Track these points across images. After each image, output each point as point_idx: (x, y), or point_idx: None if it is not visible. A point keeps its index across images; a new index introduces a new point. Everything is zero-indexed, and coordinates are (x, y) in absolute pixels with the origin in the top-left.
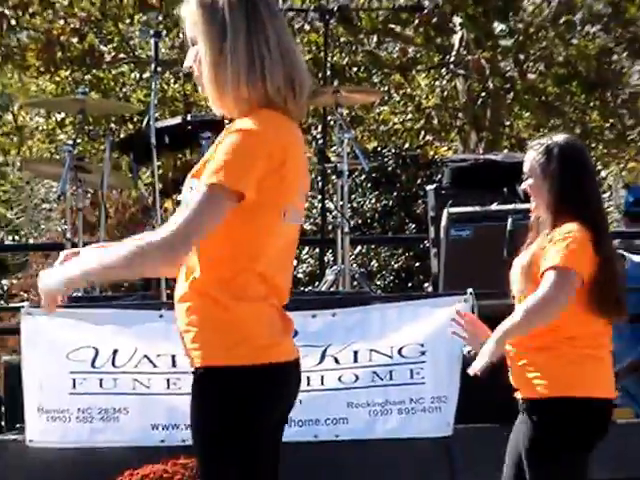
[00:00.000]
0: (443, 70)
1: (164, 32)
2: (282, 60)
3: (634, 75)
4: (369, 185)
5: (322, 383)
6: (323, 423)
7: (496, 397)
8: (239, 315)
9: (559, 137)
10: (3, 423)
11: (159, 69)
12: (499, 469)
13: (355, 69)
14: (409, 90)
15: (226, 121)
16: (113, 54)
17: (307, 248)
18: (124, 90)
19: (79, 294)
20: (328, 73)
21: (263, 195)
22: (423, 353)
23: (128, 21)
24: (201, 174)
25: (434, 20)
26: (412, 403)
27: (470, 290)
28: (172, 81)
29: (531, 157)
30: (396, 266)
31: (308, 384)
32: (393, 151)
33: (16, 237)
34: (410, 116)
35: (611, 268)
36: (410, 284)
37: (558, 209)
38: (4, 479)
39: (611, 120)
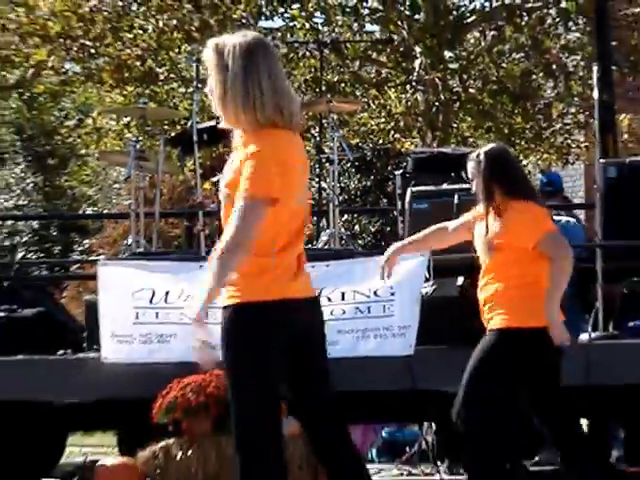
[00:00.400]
0: (407, 86)
1: (203, 59)
2: (273, 94)
3: (548, 90)
4: (353, 170)
5: None
6: None
7: (449, 326)
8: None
9: (486, 147)
10: (85, 345)
11: (199, 85)
12: (448, 379)
13: (343, 85)
14: (382, 101)
15: None
16: (166, 74)
17: None
18: (174, 101)
19: (140, 250)
20: (323, 88)
21: (280, 192)
22: (393, 294)
23: (177, 50)
24: (232, 184)
25: (401, 49)
26: (384, 330)
27: None
28: (209, 94)
29: (470, 167)
30: (373, 230)
31: None
32: (371, 146)
33: (94, 208)
34: (383, 120)
35: None
36: (383, 243)
37: (490, 193)
38: (86, 387)
39: (531, 123)
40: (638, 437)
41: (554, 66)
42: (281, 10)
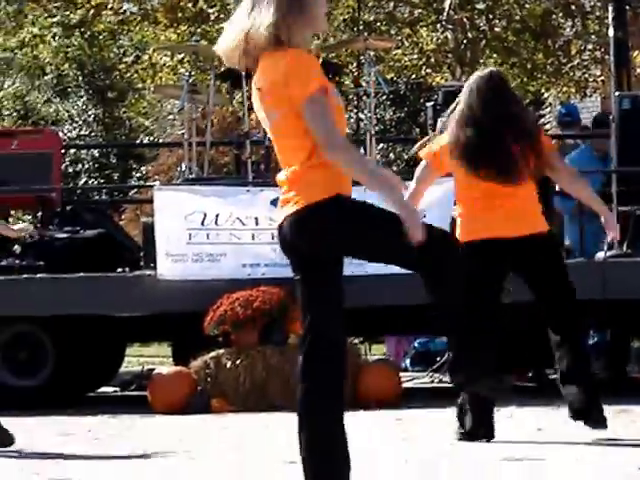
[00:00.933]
0: (438, 25)
1: None
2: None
3: (567, 29)
4: (388, 103)
5: None
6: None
7: None
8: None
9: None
10: (142, 263)
11: None
12: None
13: (378, 24)
14: (415, 39)
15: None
16: (216, 14)
17: None
18: None
19: (193, 176)
20: (360, 27)
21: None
22: (424, 216)
23: None
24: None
25: None
26: None
27: None
28: None
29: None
30: (406, 157)
31: None
32: (404, 80)
33: (150, 138)
34: (415, 56)
35: None
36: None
37: None
38: (143, 302)
39: (551, 59)
40: None
41: (573, 7)
42: None
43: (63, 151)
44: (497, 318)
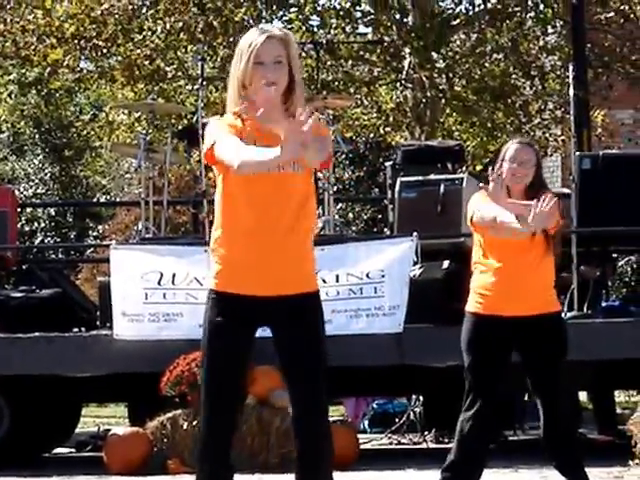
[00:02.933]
0: (397, 84)
1: (207, 58)
2: None
3: (527, 88)
4: (347, 162)
5: None
6: None
7: (435, 306)
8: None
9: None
10: (98, 323)
11: (204, 83)
12: (434, 355)
13: (337, 83)
14: (374, 98)
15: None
16: (173, 72)
17: None
18: (180, 97)
19: (149, 235)
20: (319, 86)
21: None
22: (383, 276)
23: (184, 50)
24: None
25: (391, 50)
26: (376, 310)
27: (415, 233)
28: (213, 91)
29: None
30: (365, 217)
31: None
32: (363, 139)
33: (107, 197)
34: (374, 115)
35: None
36: (375, 229)
37: None
38: (99, 362)
39: (511, 118)
40: (607, 409)
41: (533, 65)
42: (280, 14)
43: (19, 209)
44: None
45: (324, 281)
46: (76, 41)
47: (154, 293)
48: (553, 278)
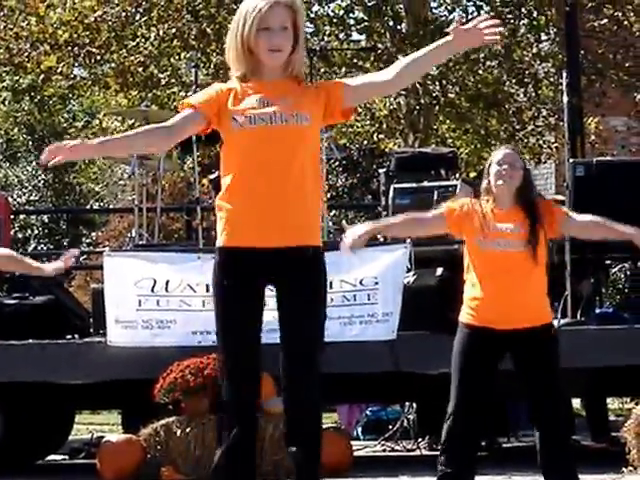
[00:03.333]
0: None
1: (201, 65)
2: None
3: (521, 95)
4: (340, 169)
5: None
6: None
7: (428, 313)
8: None
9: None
10: (92, 330)
11: (198, 89)
12: (428, 361)
13: None
14: (367, 105)
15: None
16: (166, 79)
17: None
18: (174, 104)
19: (143, 242)
20: None
21: None
22: (376, 283)
23: (177, 57)
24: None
25: (384, 57)
26: (369, 317)
27: (408, 240)
28: None
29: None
30: (359, 224)
31: None
32: (356, 146)
33: (101, 203)
34: (368, 122)
35: None
36: None
37: None
38: (92, 369)
39: (505, 125)
40: (600, 416)
41: (527, 72)
42: None
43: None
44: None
45: None
46: (69, 48)
47: (147, 300)
48: (545, 288)
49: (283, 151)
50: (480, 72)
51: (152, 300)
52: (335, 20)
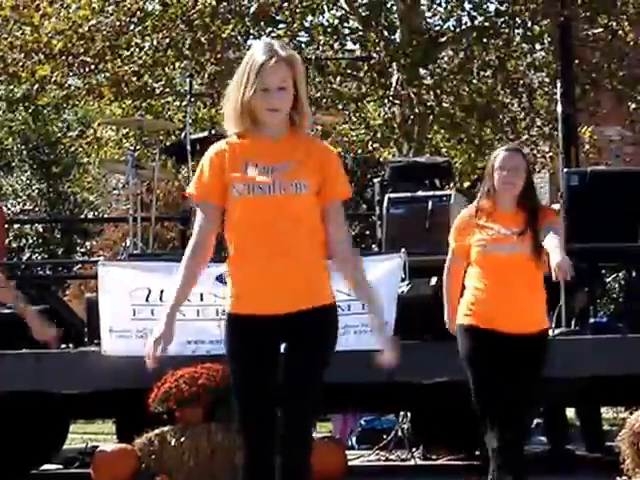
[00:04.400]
0: (385, 101)
1: (195, 74)
2: None
3: (515, 105)
4: None
5: None
6: None
7: (423, 323)
8: None
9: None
10: (86, 339)
11: (192, 99)
12: (422, 371)
13: (325, 100)
14: (362, 114)
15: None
16: (161, 89)
17: None
18: (169, 113)
19: (137, 251)
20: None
21: None
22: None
23: (171, 66)
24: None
25: (379, 67)
26: (363, 326)
27: (403, 250)
28: (201, 107)
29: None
30: (353, 233)
31: None
32: (351, 155)
33: (95, 213)
34: (362, 131)
35: None
36: (363, 245)
37: None
38: (87, 378)
39: (499, 134)
40: (594, 426)
41: (521, 82)
42: (268, 30)
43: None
44: None
45: None
46: (64, 57)
47: (142, 309)
48: (544, 294)
49: (282, 220)
50: (474, 82)
51: (147, 310)
52: (329, 30)
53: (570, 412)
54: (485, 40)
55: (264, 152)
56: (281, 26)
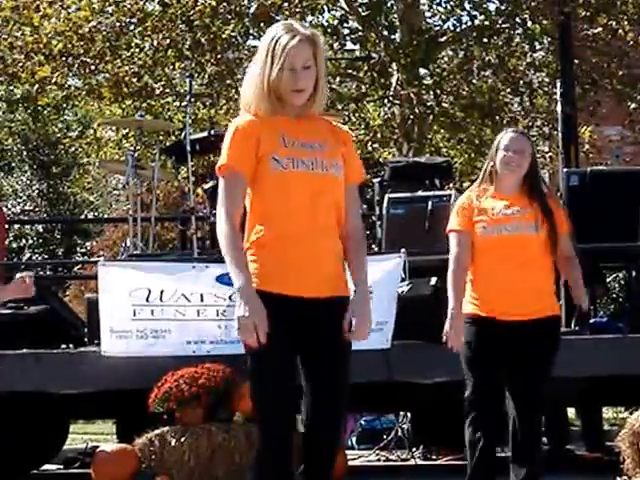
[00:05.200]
0: (385, 101)
1: (195, 74)
2: None
3: (515, 104)
4: None
5: None
6: None
7: (423, 322)
8: None
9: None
10: (86, 340)
11: (192, 100)
12: (422, 371)
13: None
14: (361, 114)
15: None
16: (161, 89)
17: None
18: (168, 114)
19: (137, 252)
20: None
21: None
22: (371, 292)
23: (171, 67)
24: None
25: (378, 67)
26: None
27: (403, 250)
28: (201, 108)
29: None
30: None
31: None
32: None
33: (95, 213)
34: (362, 132)
35: None
36: None
37: None
38: (87, 378)
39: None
40: (595, 426)
41: (520, 82)
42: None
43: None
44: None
45: None
46: (64, 58)
47: (142, 310)
48: (553, 280)
49: (320, 199)
50: (474, 82)
51: (147, 310)
52: (329, 30)
53: (570, 412)
54: (485, 39)
55: (297, 129)
56: None
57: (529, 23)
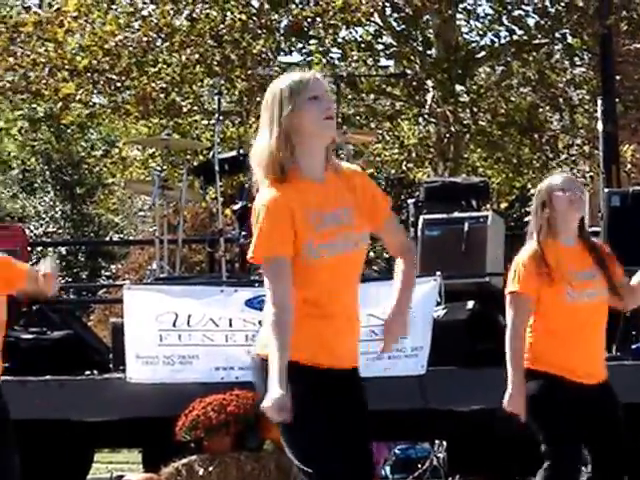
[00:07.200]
0: (420, 119)
1: (225, 91)
2: None
3: (554, 122)
4: None
5: None
6: None
7: (459, 348)
8: None
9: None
10: (111, 366)
11: (221, 118)
12: (458, 398)
13: (358, 117)
14: (396, 132)
15: None
16: (188, 107)
17: None
18: (196, 132)
19: (164, 275)
20: (339, 121)
21: None
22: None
23: (199, 83)
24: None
25: (414, 83)
26: (398, 352)
27: (438, 273)
28: (230, 126)
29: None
30: (387, 256)
31: None
32: (385, 175)
33: (120, 235)
34: (396, 151)
35: None
36: None
37: None
38: (112, 406)
39: (538, 154)
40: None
41: (560, 99)
42: (299, 46)
43: (29, 249)
44: None
45: None
46: (89, 74)
47: (169, 335)
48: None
49: (354, 276)
50: (512, 99)
51: (174, 335)
52: (363, 45)
53: None
54: (524, 55)
55: (318, 197)
56: (312, 41)
57: (569, 38)
